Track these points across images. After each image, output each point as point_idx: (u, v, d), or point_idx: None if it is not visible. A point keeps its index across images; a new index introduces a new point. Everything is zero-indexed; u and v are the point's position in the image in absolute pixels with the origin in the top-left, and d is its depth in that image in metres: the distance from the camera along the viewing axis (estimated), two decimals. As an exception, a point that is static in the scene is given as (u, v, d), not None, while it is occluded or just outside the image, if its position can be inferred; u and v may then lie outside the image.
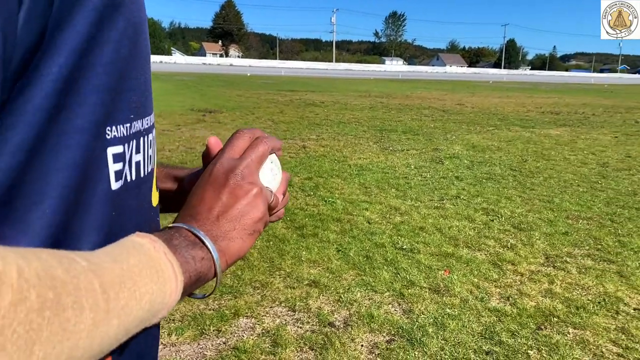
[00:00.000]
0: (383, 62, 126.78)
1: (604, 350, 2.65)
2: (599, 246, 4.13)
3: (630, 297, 3.25)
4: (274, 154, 0.58)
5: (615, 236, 4.38)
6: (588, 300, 3.19)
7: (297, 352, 2.57)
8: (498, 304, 3.12)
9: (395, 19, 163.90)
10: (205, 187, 0.51)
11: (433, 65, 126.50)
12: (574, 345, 2.68)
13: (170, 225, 0.48)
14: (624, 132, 11.46)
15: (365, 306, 3.04)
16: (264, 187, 0.54)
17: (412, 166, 6.95)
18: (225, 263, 0.49)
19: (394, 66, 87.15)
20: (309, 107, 14.65)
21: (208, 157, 0.58)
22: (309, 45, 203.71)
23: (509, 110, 16.03)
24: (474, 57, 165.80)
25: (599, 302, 3.16)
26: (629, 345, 2.70)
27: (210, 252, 0.47)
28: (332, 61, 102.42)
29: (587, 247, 4.10)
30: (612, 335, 2.79)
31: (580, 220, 4.79)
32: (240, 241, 0.50)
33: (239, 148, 0.55)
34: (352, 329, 2.79)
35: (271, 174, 0.57)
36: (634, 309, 3.09)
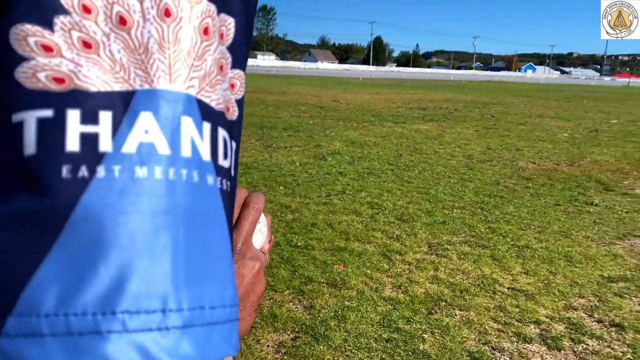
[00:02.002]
0: (255, 57, 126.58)
1: (487, 327, 2.97)
2: (473, 233, 4.58)
3: (503, 278, 3.65)
4: None
5: (486, 223, 4.87)
6: (469, 283, 3.54)
7: None
8: (391, 293, 3.34)
9: (265, 12, 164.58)
10: None
11: (305, 61, 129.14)
12: (462, 326, 2.97)
13: None
14: (483, 125, 12.66)
15: (267, 306, 3.09)
16: (260, 254, 0.55)
17: (297, 163, 7.10)
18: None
19: (267, 61, 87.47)
20: (183, 104, 14.23)
21: None
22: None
23: (381, 107, 16.92)
24: (344, 54, 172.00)
25: (478, 285, 3.52)
26: (507, 321, 3.05)
27: None
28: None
29: (464, 235, 4.52)
30: (492, 314, 3.13)
31: (455, 210, 5.25)
32: (250, 319, 0.52)
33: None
34: (256, 330, 2.82)
35: (260, 234, 0.58)
36: (508, 288, 3.49)
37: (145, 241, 0.24)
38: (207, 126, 0.29)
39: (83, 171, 0.24)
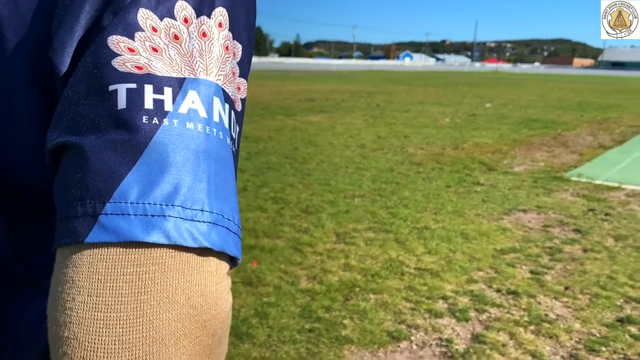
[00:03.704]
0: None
1: (400, 307, 3.21)
2: (376, 219, 4.85)
3: (409, 259, 3.94)
4: None
5: (386, 208, 5.18)
6: (379, 267, 3.77)
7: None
8: (307, 284, 3.48)
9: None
10: None
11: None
12: (378, 308, 3.18)
13: None
14: (370, 115, 13.24)
15: (185, 311, 3.08)
16: None
17: (192, 162, 7.00)
18: None
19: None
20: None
21: None
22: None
23: (269, 99, 17.01)
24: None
25: (387, 268, 3.76)
26: (418, 299, 3.31)
27: None
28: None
29: (367, 222, 4.78)
30: (404, 294, 3.38)
31: (356, 198, 5.51)
32: None
33: None
34: (177, 336, 2.82)
35: None
36: (414, 269, 3.77)
37: (192, 166, 0.38)
38: (227, 106, 0.43)
39: (155, 120, 0.38)
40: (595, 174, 6.84)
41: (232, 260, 0.41)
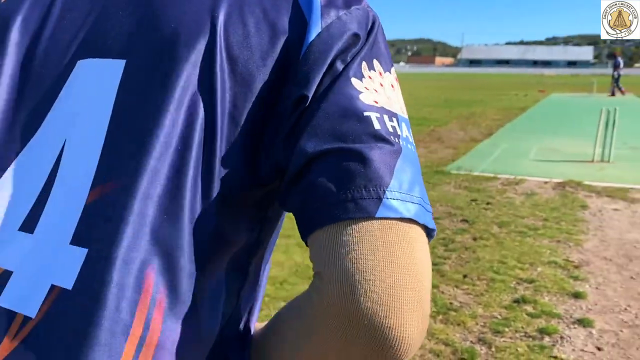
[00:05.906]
0: None
1: (314, 312, 3.25)
2: (274, 225, 4.86)
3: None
4: None
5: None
6: (286, 274, 3.79)
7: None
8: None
9: None
10: None
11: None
12: (292, 315, 3.19)
13: None
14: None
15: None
16: None
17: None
18: None
19: None
20: None
21: None
22: None
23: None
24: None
25: (294, 273, 3.80)
26: (329, 301, 3.38)
27: None
28: None
29: (266, 228, 4.77)
30: (315, 298, 3.43)
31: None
32: None
33: None
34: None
35: None
36: (321, 272, 3.84)
37: (418, 172, 0.55)
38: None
39: (396, 140, 0.55)
40: (472, 166, 7.42)
41: None
